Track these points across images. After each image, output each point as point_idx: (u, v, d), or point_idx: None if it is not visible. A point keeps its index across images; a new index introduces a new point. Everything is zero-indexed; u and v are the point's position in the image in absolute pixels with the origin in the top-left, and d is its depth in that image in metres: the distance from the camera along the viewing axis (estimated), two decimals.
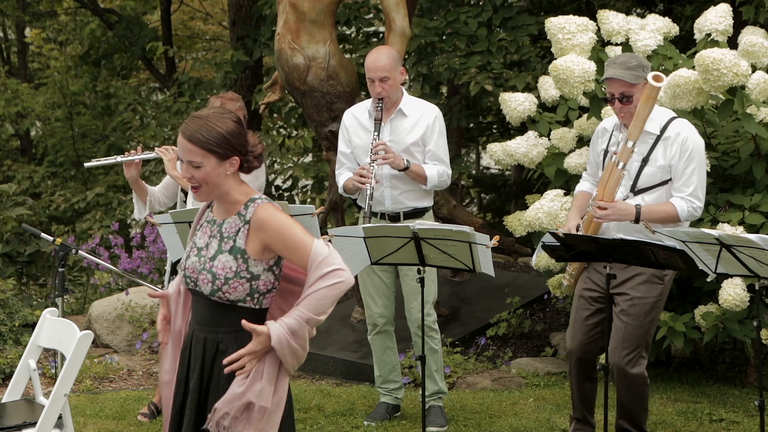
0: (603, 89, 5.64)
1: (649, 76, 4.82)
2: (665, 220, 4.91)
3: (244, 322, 3.29)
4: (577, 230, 5.04)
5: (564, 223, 5.31)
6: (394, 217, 5.79)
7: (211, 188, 3.37)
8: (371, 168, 5.61)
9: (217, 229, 3.43)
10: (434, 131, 5.76)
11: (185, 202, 6.01)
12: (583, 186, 5.35)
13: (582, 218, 5.15)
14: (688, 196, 4.92)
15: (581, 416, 5.35)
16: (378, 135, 5.67)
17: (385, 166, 5.70)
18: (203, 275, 3.37)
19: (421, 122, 5.77)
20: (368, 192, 5.59)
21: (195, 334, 3.45)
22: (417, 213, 5.82)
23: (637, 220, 4.89)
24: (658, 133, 4.96)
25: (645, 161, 4.96)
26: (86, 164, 6.10)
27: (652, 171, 4.96)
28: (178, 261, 5.00)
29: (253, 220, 3.35)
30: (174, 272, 5.89)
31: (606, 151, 5.12)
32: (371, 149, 5.64)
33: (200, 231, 3.49)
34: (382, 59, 5.68)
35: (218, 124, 3.33)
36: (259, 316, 3.40)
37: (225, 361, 3.30)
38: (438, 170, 5.74)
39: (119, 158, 5.83)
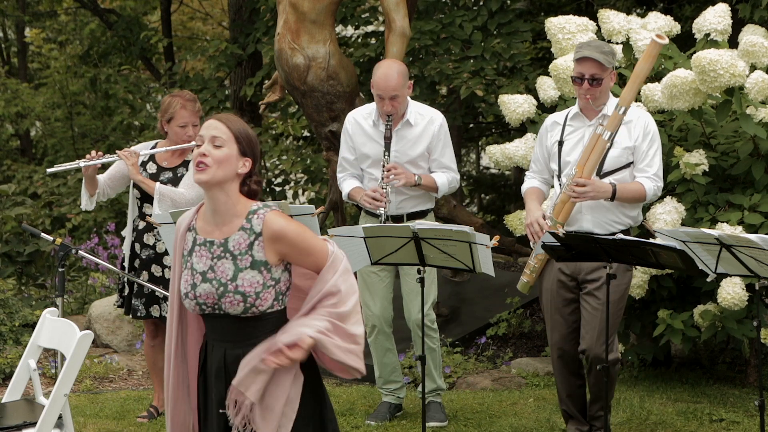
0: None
1: (652, 34, 4.92)
2: (634, 199, 5.12)
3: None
4: (544, 218, 5.11)
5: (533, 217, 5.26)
6: (398, 218, 5.83)
7: (218, 174, 3.37)
8: (385, 191, 5.65)
9: (220, 249, 3.40)
10: (439, 140, 5.80)
11: (139, 203, 5.96)
12: (532, 183, 5.38)
13: (552, 204, 5.20)
14: (653, 175, 5.11)
15: (572, 413, 5.37)
16: (388, 154, 5.69)
17: None
18: (229, 298, 3.36)
19: (426, 132, 5.79)
20: (383, 215, 5.64)
21: (227, 353, 3.44)
22: (420, 214, 5.89)
23: (612, 198, 5.03)
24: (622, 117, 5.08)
25: (611, 144, 5.07)
26: (48, 170, 6.11)
27: (618, 153, 5.10)
28: None
29: (265, 232, 3.36)
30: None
31: (561, 142, 5.18)
32: (382, 171, 5.65)
33: (194, 257, 3.46)
34: (392, 78, 5.60)
35: (247, 127, 3.49)
36: (284, 314, 3.48)
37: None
38: (447, 177, 5.83)
39: (81, 162, 5.84)
